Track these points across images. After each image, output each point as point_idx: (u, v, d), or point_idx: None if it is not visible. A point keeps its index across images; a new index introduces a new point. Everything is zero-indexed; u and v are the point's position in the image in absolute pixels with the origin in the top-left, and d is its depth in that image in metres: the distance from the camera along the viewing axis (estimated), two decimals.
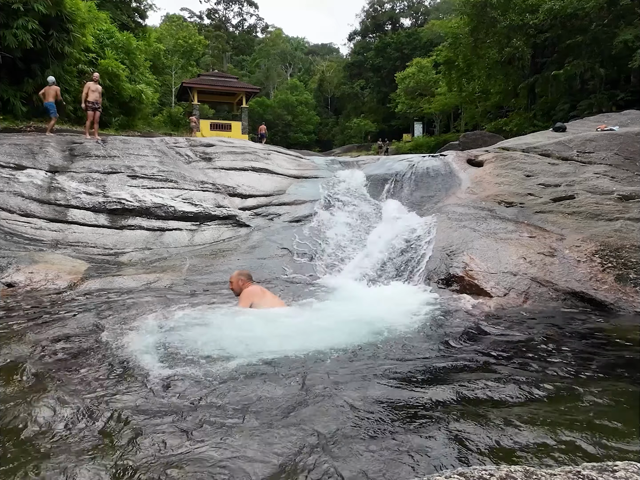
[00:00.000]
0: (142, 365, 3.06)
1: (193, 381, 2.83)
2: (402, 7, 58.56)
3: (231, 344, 3.40)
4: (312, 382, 2.85)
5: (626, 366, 3.30)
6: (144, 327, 3.86)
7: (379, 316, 4.28)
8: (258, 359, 3.16)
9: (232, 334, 3.66)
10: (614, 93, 20.95)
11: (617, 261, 5.28)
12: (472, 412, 2.53)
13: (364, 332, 3.80)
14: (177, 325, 3.90)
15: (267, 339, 3.54)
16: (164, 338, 3.57)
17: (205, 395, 2.65)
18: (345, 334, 3.77)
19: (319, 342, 3.52)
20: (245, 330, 3.75)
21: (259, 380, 2.86)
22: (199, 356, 3.21)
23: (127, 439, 2.17)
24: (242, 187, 9.53)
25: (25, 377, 2.90)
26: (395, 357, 3.38)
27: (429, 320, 4.31)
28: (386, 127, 47.67)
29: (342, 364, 3.19)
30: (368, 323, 4.04)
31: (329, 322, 4.08)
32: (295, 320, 4.07)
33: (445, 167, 9.51)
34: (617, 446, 2.18)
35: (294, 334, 3.70)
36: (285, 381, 2.86)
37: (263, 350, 3.29)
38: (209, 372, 2.96)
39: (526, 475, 1.25)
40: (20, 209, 7.69)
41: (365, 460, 2.00)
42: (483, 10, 23.81)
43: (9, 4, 12.35)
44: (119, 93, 17.22)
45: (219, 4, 65.52)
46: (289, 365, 3.11)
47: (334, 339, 3.63)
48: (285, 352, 3.30)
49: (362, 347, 3.51)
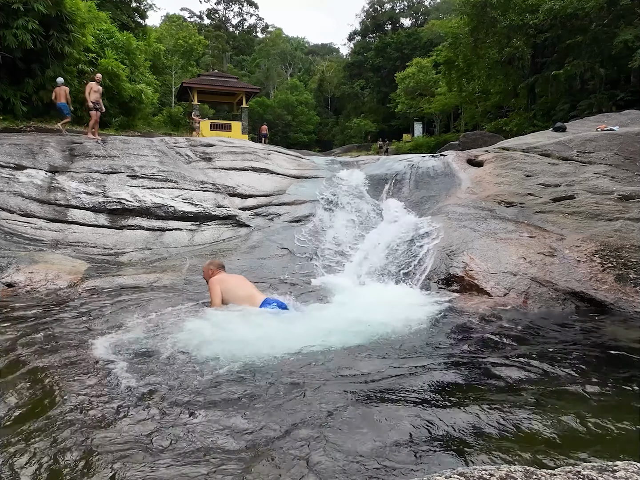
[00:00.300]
0: (117, 373, 3.02)
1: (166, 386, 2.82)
2: (402, 7, 58.54)
3: (217, 347, 3.38)
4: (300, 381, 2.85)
5: (626, 366, 3.30)
6: (135, 329, 3.85)
7: (377, 317, 4.27)
8: (242, 363, 3.13)
9: (219, 336, 3.63)
10: (614, 93, 20.95)
11: (617, 261, 5.27)
12: (472, 413, 2.53)
13: (360, 334, 3.79)
14: (166, 328, 3.88)
15: (255, 342, 3.51)
16: (146, 341, 3.55)
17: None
18: (343, 335, 3.77)
19: (315, 344, 3.52)
20: (236, 332, 3.73)
21: (238, 384, 2.85)
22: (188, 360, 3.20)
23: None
24: (242, 187, 9.53)
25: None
26: (392, 358, 3.38)
27: (428, 320, 4.31)
28: (386, 127, 47.65)
29: (341, 363, 3.19)
30: (366, 324, 4.04)
31: (327, 324, 4.07)
32: (287, 322, 4.06)
33: (445, 167, 9.51)
34: (616, 446, 2.18)
35: (278, 336, 3.68)
36: (260, 384, 2.84)
37: (249, 354, 3.26)
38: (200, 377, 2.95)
39: (526, 475, 1.25)
40: (20, 209, 7.69)
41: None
42: (483, 10, 23.80)
43: (9, 4, 12.34)
44: (119, 93, 17.21)
45: (219, 4, 65.53)
46: (273, 369, 3.09)
47: (333, 340, 3.63)
48: (274, 354, 3.28)
49: (356, 349, 3.47)
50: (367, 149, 37.69)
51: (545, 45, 24.31)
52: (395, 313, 4.41)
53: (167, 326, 3.92)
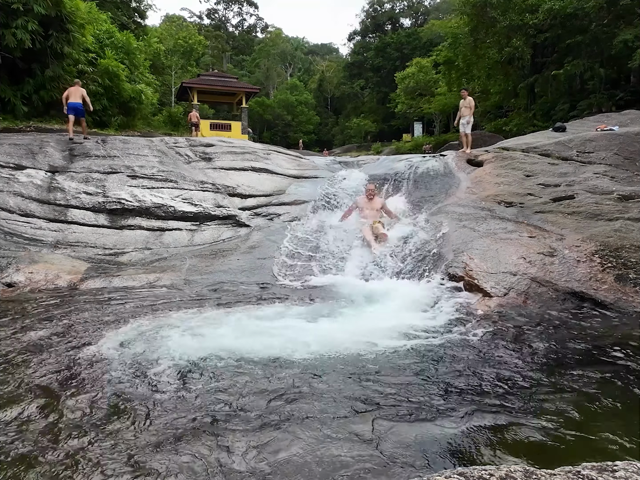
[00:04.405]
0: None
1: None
2: (402, 7, 58.50)
3: (213, 347, 3.39)
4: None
5: (626, 366, 3.30)
6: (135, 329, 3.85)
7: (375, 318, 4.27)
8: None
9: (212, 337, 3.64)
10: (613, 93, 20.93)
11: (616, 261, 5.27)
12: (470, 413, 2.53)
13: (356, 337, 3.78)
14: (166, 328, 3.88)
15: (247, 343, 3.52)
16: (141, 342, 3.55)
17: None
18: (342, 335, 3.77)
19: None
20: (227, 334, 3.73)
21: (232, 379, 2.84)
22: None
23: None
24: (242, 187, 9.52)
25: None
26: (389, 358, 3.39)
27: (427, 320, 4.31)
28: (386, 127, 47.64)
29: (342, 366, 3.19)
30: (364, 325, 4.03)
31: (325, 326, 4.07)
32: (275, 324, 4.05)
33: (444, 167, 9.50)
34: (616, 446, 2.18)
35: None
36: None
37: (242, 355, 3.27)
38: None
39: (526, 475, 1.25)
40: (20, 209, 7.69)
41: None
42: (483, 10, 23.79)
43: (8, 4, 12.34)
44: (118, 93, 17.20)
45: (218, 4, 65.53)
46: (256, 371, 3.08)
47: (333, 343, 3.63)
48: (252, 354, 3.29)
49: (344, 353, 3.46)
50: (367, 149, 37.67)
51: (545, 45, 24.30)
52: (393, 314, 4.41)
53: (167, 326, 3.91)
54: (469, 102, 10.66)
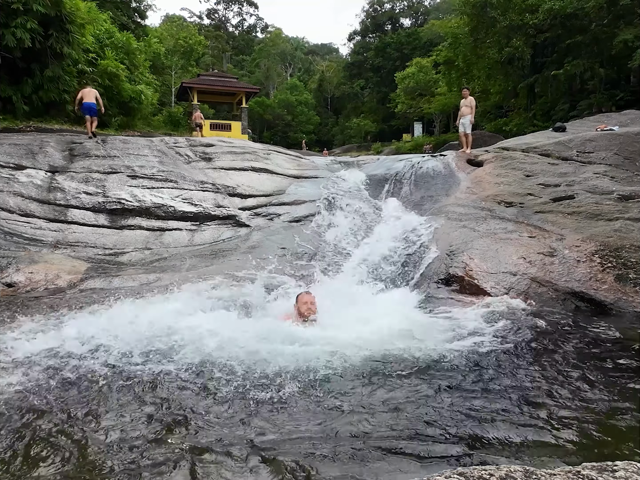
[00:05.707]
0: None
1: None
2: (402, 7, 58.52)
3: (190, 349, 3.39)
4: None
5: (626, 366, 3.29)
6: (135, 329, 3.85)
7: (374, 317, 4.27)
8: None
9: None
10: (613, 93, 20.94)
11: (616, 261, 5.27)
12: (468, 413, 2.53)
13: (356, 338, 3.77)
14: (166, 327, 3.88)
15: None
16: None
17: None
18: (340, 337, 3.77)
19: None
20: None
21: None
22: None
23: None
24: (242, 187, 9.51)
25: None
26: (388, 360, 3.39)
27: (428, 320, 4.31)
28: (386, 127, 47.64)
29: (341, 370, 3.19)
30: (363, 325, 4.03)
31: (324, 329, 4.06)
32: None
33: (445, 167, 9.50)
34: (616, 446, 2.18)
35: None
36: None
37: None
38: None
39: (526, 475, 1.24)
40: (20, 209, 7.68)
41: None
42: (483, 10, 23.81)
43: (8, 3, 12.34)
44: (118, 93, 17.21)
45: (218, 4, 65.61)
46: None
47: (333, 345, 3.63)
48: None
49: (344, 353, 3.45)
50: (367, 149, 37.68)
51: (545, 45, 24.31)
52: (393, 314, 4.41)
53: (167, 326, 3.91)
54: (470, 102, 10.67)
